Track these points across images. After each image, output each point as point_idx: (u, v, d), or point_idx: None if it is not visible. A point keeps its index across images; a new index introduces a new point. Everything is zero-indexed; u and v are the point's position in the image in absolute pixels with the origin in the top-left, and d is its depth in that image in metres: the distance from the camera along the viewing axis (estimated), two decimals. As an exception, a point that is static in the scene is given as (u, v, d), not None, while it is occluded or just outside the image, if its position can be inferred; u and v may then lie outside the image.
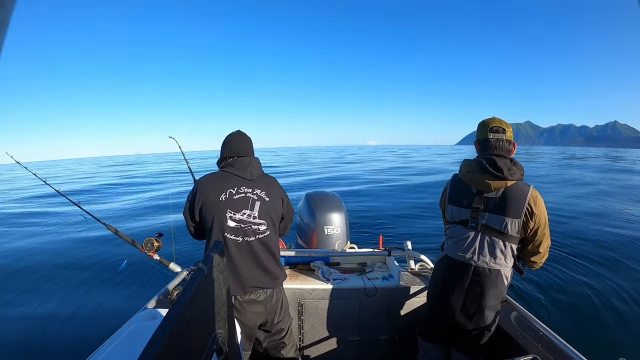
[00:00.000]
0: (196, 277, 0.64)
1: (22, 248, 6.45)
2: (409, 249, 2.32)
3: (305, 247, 2.83)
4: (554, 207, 6.58)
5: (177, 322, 0.51)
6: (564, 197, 8.61)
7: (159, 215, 8.82)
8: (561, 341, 1.38)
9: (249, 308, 1.56)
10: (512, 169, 1.37)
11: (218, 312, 0.77)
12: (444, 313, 1.54)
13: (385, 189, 9.74)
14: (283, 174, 19.15)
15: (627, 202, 8.31)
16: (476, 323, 1.46)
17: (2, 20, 0.25)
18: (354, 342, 2.07)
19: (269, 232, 1.62)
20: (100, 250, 5.84)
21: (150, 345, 0.45)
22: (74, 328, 3.51)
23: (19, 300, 4.20)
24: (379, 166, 21.99)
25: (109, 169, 39.85)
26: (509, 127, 1.43)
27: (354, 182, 12.60)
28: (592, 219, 6.38)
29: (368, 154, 55.04)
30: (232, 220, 1.52)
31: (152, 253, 2.05)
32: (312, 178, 17.07)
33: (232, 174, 1.57)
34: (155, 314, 1.34)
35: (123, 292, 4.16)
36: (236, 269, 1.54)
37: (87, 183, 20.60)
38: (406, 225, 6.12)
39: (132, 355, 0.48)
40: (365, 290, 1.98)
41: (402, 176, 12.76)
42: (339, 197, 3.00)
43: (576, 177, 17.12)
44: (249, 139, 1.68)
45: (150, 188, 15.28)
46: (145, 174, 25.96)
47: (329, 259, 2.31)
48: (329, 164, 29.36)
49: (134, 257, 2.28)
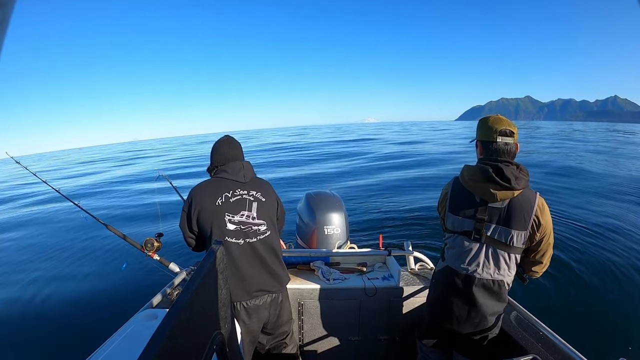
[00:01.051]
0: (196, 277, 0.64)
1: (17, 246, 6.46)
2: (409, 249, 2.32)
3: (305, 247, 2.83)
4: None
5: (177, 322, 0.51)
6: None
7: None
8: (561, 341, 1.38)
9: (254, 314, 1.55)
10: (519, 177, 1.29)
11: (218, 312, 0.77)
12: (446, 322, 1.49)
13: (385, 188, 9.74)
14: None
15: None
16: (480, 330, 1.44)
17: (2, 20, 0.25)
18: (354, 342, 2.07)
19: (270, 232, 1.62)
20: (100, 251, 5.84)
21: (150, 345, 0.45)
22: (73, 328, 3.51)
23: (14, 298, 4.21)
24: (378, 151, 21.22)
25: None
26: (516, 129, 1.36)
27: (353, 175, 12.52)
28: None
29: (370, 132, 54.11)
30: (231, 223, 1.51)
31: (152, 253, 2.05)
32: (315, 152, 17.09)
33: (226, 179, 1.56)
34: (155, 314, 1.34)
35: (123, 292, 4.16)
36: (240, 273, 1.52)
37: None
38: (406, 225, 6.11)
39: (132, 355, 0.48)
40: (365, 290, 1.98)
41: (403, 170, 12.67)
42: (339, 196, 3.01)
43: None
44: (238, 144, 1.68)
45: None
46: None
47: (329, 259, 2.31)
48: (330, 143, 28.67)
49: (134, 258, 2.29)
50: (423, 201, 7.75)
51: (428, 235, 5.55)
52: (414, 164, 14.51)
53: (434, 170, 12.49)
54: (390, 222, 6.36)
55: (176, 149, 46.81)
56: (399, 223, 6.25)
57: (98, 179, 17.94)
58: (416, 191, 8.93)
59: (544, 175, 10.65)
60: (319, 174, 13.04)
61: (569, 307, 3.45)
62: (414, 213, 6.83)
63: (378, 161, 16.07)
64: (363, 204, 7.77)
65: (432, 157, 16.65)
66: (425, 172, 12.27)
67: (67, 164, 37.02)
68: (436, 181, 10.07)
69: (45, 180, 2.64)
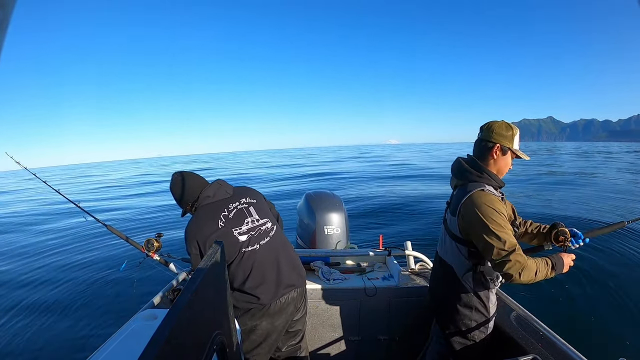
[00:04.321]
0: (196, 277, 0.65)
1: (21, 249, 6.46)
2: (409, 249, 2.32)
3: (305, 247, 2.83)
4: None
5: (177, 322, 0.51)
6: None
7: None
8: (561, 341, 1.38)
9: (284, 311, 1.55)
10: (466, 170, 1.36)
11: (218, 312, 0.77)
12: (430, 300, 1.64)
13: (386, 186, 9.75)
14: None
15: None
16: (440, 308, 1.51)
17: (2, 20, 0.25)
18: (354, 342, 2.07)
19: (275, 226, 1.64)
20: (100, 251, 5.84)
21: (150, 345, 0.45)
22: (74, 328, 3.51)
23: (14, 298, 4.21)
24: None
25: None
26: (492, 126, 1.35)
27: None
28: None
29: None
30: (241, 235, 1.50)
31: (152, 253, 2.05)
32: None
33: (212, 203, 1.53)
34: (155, 314, 1.34)
35: (123, 292, 4.17)
36: (267, 276, 1.52)
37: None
38: (406, 225, 6.12)
39: (132, 355, 0.49)
40: (365, 290, 1.98)
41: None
42: (339, 197, 3.01)
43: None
44: (193, 173, 1.62)
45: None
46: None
47: (329, 259, 2.31)
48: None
49: (134, 258, 2.28)
50: (423, 201, 7.75)
51: (428, 235, 5.55)
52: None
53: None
54: (391, 223, 6.36)
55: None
56: (399, 223, 6.26)
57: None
58: (416, 190, 8.92)
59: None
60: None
61: (569, 307, 3.45)
62: (414, 213, 6.83)
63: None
64: (363, 204, 7.78)
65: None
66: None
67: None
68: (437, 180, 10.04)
69: (45, 180, 2.64)
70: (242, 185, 1.73)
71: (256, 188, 1.75)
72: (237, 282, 1.49)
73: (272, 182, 16.19)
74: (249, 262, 1.49)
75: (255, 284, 1.48)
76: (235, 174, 23.35)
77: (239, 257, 1.48)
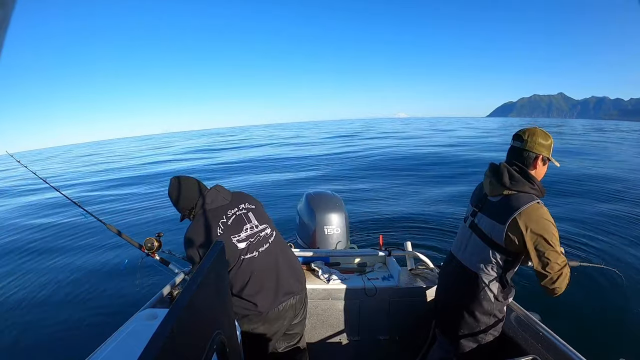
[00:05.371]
0: (196, 277, 0.65)
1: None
2: (409, 249, 2.32)
3: (305, 247, 2.83)
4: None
5: (177, 322, 0.51)
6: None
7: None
8: (561, 341, 1.38)
9: (281, 317, 1.55)
10: (515, 178, 1.32)
11: (218, 312, 0.77)
12: (438, 303, 1.65)
13: (387, 186, 9.71)
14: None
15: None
16: (454, 315, 1.49)
17: (2, 20, 0.25)
18: (353, 342, 2.07)
19: (275, 232, 1.63)
20: (100, 250, 5.83)
21: (150, 345, 0.45)
22: (74, 328, 3.51)
23: (14, 298, 4.21)
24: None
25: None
26: (534, 136, 1.34)
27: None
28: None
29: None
30: (240, 242, 1.50)
31: (152, 253, 2.05)
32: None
33: (210, 210, 1.52)
34: (155, 314, 1.34)
35: (123, 291, 4.16)
36: (264, 283, 1.51)
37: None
38: (407, 225, 6.11)
39: (132, 355, 0.49)
40: (365, 291, 1.98)
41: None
42: (339, 197, 3.01)
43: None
44: (191, 177, 1.61)
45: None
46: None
47: (329, 259, 2.31)
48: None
49: (134, 257, 2.28)
50: (424, 201, 7.75)
51: (428, 235, 5.55)
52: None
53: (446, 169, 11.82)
54: (391, 223, 6.36)
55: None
56: (399, 223, 6.25)
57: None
58: (417, 191, 8.92)
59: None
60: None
61: (569, 308, 3.44)
62: (414, 213, 6.82)
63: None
64: (363, 204, 7.77)
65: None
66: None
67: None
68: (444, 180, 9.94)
69: (44, 178, 2.64)
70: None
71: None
72: (235, 288, 1.48)
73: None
74: (247, 270, 1.48)
75: (253, 291, 1.48)
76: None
77: (238, 265, 1.48)
